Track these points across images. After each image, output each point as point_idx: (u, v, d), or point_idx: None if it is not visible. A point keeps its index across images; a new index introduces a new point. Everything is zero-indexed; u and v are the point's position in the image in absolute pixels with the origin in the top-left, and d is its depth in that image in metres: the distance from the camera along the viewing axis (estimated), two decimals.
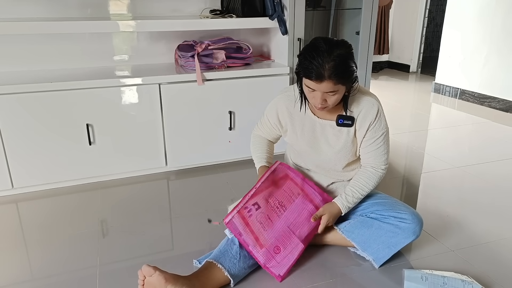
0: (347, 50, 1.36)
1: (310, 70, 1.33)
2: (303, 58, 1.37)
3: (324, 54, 1.32)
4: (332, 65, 1.31)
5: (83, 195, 2.16)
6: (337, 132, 1.54)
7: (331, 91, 1.36)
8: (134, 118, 2.23)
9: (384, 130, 1.52)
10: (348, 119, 1.51)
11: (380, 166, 1.56)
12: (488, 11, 3.89)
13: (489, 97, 3.93)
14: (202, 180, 2.35)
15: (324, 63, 1.31)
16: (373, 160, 1.55)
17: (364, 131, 1.51)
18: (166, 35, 2.54)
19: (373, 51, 2.66)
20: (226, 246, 1.46)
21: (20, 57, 2.31)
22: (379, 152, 1.54)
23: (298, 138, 1.60)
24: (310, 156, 1.62)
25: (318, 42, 1.36)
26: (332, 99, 1.39)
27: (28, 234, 1.81)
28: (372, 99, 1.51)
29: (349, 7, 2.81)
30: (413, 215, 1.51)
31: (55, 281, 1.49)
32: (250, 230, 1.47)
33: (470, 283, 1.38)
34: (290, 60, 2.47)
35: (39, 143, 2.09)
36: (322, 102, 1.39)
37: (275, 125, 1.65)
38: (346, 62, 1.34)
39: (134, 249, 1.67)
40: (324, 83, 1.33)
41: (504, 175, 2.38)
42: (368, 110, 1.50)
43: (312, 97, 1.41)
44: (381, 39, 5.61)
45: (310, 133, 1.58)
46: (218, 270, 1.40)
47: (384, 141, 1.53)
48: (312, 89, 1.38)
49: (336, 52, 1.32)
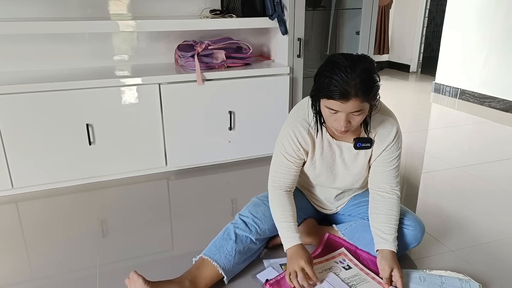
0: (370, 64, 1.24)
1: (332, 89, 1.20)
2: (322, 77, 1.23)
3: (347, 70, 1.19)
4: (358, 81, 1.18)
5: (83, 195, 2.16)
6: (354, 155, 1.46)
7: (357, 110, 1.23)
8: (134, 118, 2.23)
9: (399, 151, 1.45)
10: (367, 142, 1.41)
11: (395, 188, 1.47)
12: (488, 11, 3.89)
13: (489, 97, 3.93)
14: (202, 180, 2.35)
15: (349, 80, 1.18)
16: (387, 182, 1.47)
17: (379, 152, 1.44)
18: (166, 35, 2.54)
19: (373, 51, 2.66)
20: (222, 241, 1.44)
21: (20, 57, 2.31)
22: (393, 173, 1.46)
23: (316, 163, 1.48)
24: (327, 179, 1.52)
25: (337, 58, 1.23)
26: (356, 119, 1.27)
27: (28, 234, 1.81)
28: (391, 119, 1.43)
29: (349, 7, 2.81)
30: (415, 221, 1.49)
31: (54, 281, 1.49)
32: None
33: (467, 281, 1.39)
34: (290, 60, 2.47)
35: (39, 143, 2.09)
36: (346, 124, 1.26)
37: (298, 157, 1.45)
38: (372, 77, 1.22)
39: (134, 249, 1.67)
40: (350, 102, 1.20)
41: (504, 175, 2.38)
42: (387, 131, 1.42)
43: (334, 120, 1.28)
44: (381, 39, 5.61)
45: (329, 156, 1.46)
46: (212, 267, 1.38)
47: (398, 163, 1.47)
48: (335, 111, 1.25)
49: (360, 67, 1.20)
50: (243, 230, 1.46)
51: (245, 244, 1.45)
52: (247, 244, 1.45)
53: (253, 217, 1.49)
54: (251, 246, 1.47)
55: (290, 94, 2.50)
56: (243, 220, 1.49)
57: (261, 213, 1.50)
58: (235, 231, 1.46)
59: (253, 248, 1.48)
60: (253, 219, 1.49)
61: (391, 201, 1.46)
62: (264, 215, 1.50)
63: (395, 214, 1.44)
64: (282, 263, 1.53)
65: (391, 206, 1.45)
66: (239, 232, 1.46)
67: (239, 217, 1.51)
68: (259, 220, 1.49)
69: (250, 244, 1.46)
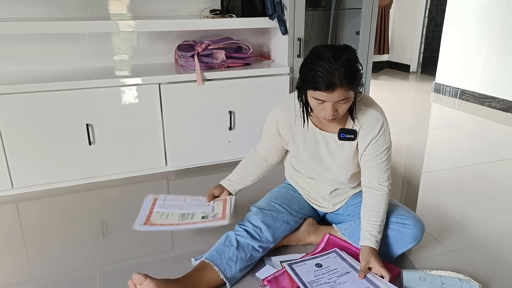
0: (353, 53, 1.30)
1: (318, 81, 1.25)
2: (307, 69, 1.29)
3: (331, 61, 1.24)
4: (342, 72, 1.24)
5: (83, 195, 2.16)
6: (339, 145, 1.49)
7: (342, 99, 1.29)
8: (134, 118, 2.23)
9: (387, 145, 1.46)
10: (351, 133, 1.44)
11: (383, 184, 1.48)
12: (488, 11, 3.89)
13: (489, 97, 3.93)
14: (202, 180, 2.35)
15: (333, 70, 1.23)
16: (375, 177, 1.48)
17: (365, 145, 1.45)
18: (166, 35, 2.54)
19: (373, 51, 2.66)
20: (224, 247, 1.44)
21: (20, 57, 2.30)
22: (381, 168, 1.47)
23: (301, 151, 1.55)
24: (315, 168, 1.57)
25: (320, 50, 1.28)
26: (342, 107, 1.33)
27: (28, 234, 1.81)
28: (377, 112, 1.45)
29: (349, 7, 2.81)
30: (415, 221, 1.49)
31: (55, 281, 1.49)
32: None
33: (467, 281, 1.38)
34: (290, 60, 2.47)
35: (39, 143, 2.09)
36: (333, 112, 1.31)
37: (274, 136, 1.57)
38: (355, 66, 1.28)
39: (134, 249, 1.67)
40: (336, 91, 1.26)
41: (504, 175, 2.38)
42: (371, 124, 1.44)
43: (321, 110, 1.33)
44: (381, 39, 5.61)
45: (313, 145, 1.52)
46: (213, 271, 1.38)
47: (387, 156, 1.47)
48: (321, 101, 1.30)
49: (343, 57, 1.25)
50: (245, 237, 1.46)
51: (247, 252, 1.44)
52: (249, 251, 1.45)
53: (253, 226, 1.49)
54: (253, 253, 1.46)
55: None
56: (244, 229, 1.49)
57: (260, 221, 1.50)
58: (237, 238, 1.45)
59: (256, 256, 1.47)
60: (253, 228, 1.49)
61: (377, 198, 1.46)
62: (263, 222, 1.50)
63: (380, 211, 1.45)
64: (282, 261, 1.54)
65: (377, 203, 1.46)
66: (240, 240, 1.45)
67: (239, 226, 1.51)
68: (258, 228, 1.49)
69: (253, 251, 1.45)
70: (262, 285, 1.41)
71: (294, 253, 1.60)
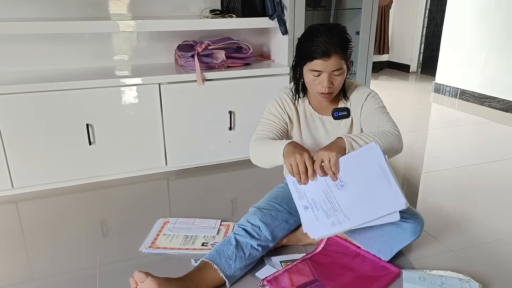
0: (343, 28, 1.44)
1: (315, 50, 1.37)
2: (303, 43, 1.42)
3: (325, 32, 1.38)
4: (336, 40, 1.37)
5: (83, 195, 2.16)
6: (335, 126, 1.59)
7: (338, 68, 1.40)
8: (134, 118, 2.23)
9: (380, 105, 1.52)
10: (343, 110, 1.55)
11: (390, 127, 1.42)
12: (488, 11, 3.89)
13: (489, 97, 3.93)
14: (202, 180, 2.35)
15: (328, 39, 1.36)
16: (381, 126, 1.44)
17: (358, 113, 1.54)
18: (166, 35, 2.54)
19: (373, 51, 2.66)
20: (223, 246, 1.44)
21: (20, 57, 2.31)
22: (382, 119, 1.47)
23: (302, 135, 1.62)
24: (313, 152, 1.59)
25: (314, 27, 1.42)
26: (338, 80, 1.43)
27: (28, 234, 1.81)
28: (365, 88, 1.57)
29: (349, 7, 2.81)
30: (414, 215, 1.50)
31: (55, 281, 1.49)
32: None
33: (467, 281, 1.39)
34: (290, 60, 2.47)
35: (39, 143, 2.09)
36: (330, 84, 1.41)
37: (281, 117, 1.58)
38: (347, 36, 1.42)
39: (134, 249, 1.67)
40: (332, 59, 1.37)
41: (504, 175, 2.38)
42: (359, 96, 1.54)
43: (318, 83, 1.43)
44: (381, 39, 5.61)
45: (312, 127, 1.61)
46: (213, 270, 1.39)
47: (383, 111, 1.50)
48: (318, 72, 1.40)
49: (336, 29, 1.40)
50: (244, 236, 1.46)
51: (246, 250, 1.44)
52: (248, 250, 1.45)
53: (251, 225, 1.49)
54: (252, 252, 1.46)
55: None
56: (243, 228, 1.49)
57: (259, 220, 1.50)
58: (235, 237, 1.46)
59: (255, 254, 1.47)
60: (252, 228, 1.49)
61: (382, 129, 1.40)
62: (262, 221, 1.50)
63: (377, 132, 1.38)
64: (282, 260, 1.54)
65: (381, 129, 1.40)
66: (239, 238, 1.46)
67: (238, 226, 1.51)
68: (257, 227, 1.49)
69: (252, 250, 1.45)
70: (262, 285, 1.41)
71: (294, 253, 1.60)
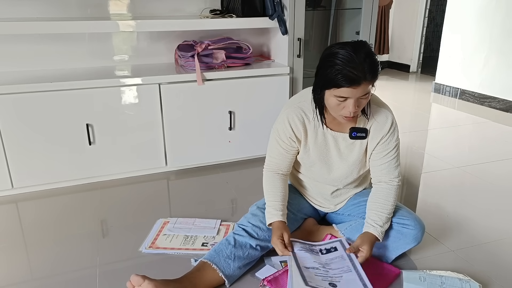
0: (370, 47, 1.29)
1: (340, 78, 1.24)
2: (327, 68, 1.27)
3: (352, 56, 1.23)
4: (366, 66, 1.23)
5: (83, 195, 2.16)
6: (349, 145, 1.49)
7: (366, 93, 1.28)
8: (134, 118, 2.23)
9: (396, 143, 1.47)
10: (362, 131, 1.45)
11: (394, 180, 1.49)
12: (488, 11, 3.89)
13: (489, 97, 3.93)
14: (202, 180, 2.35)
15: (357, 65, 1.22)
16: (386, 174, 1.49)
17: (375, 144, 1.46)
18: (166, 35, 2.54)
19: None
20: (221, 246, 1.44)
21: (20, 57, 2.30)
22: (392, 165, 1.48)
23: (310, 152, 1.51)
24: (322, 170, 1.54)
25: (335, 49, 1.27)
26: (363, 103, 1.32)
27: (28, 234, 1.81)
28: (386, 111, 1.46)
29: (349, 7, 2.81)
30: (415, 221, 1.49)
31: (55, 281, 1.49)
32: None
33: (467, 281, 1.39)
34: (290, 60, 2.47)
35: (39, 143, 2.09)
36: (355, 109, 1.30)
37: (289, 142, 1.49)
38: (375, 59, 1.27)
39: (134, 249, 1.67)
40: (361, 86, 1.25)
41: (504, 175, 2.38)
42: (381, 123, 1.45)
43: (342, 108, 1.32)
44: (381, 39, 5.61)
45: (322, 146, 1.50)
46: (212, 270, 1.38)
47: (396, 154, 1.48)
48: (344, 98, 1.28)
49: (363, 52, 1.25)
50: (243, 236, 1.46)
51: (245, 250, 1.44)
52: (247, 249, 1.45)
53: (252, 225, 1.49)
54: (251, 252, 1.46)
55: (290, 94, 2.50)
56: (242, 228, 1.49)
57: (259, 221, 1.50)
58: (234, 237, 1.46)
59: (254, 254, 1.47)
60: (252, 228, 1.49)
61: (386, 191, 1.48)
62: (262, 222, 1.50)
63: (388, 204, 1.46)
64: (282, 260, 1.54)
65: (386, 196, 1.47)
66: (238, 238, 1.46)
67: (238, 226, 1.51)
68: (257, 227, 1.49)
69: (250, 249, 1.45)
70: (262, 285, 1.41)
71: None
